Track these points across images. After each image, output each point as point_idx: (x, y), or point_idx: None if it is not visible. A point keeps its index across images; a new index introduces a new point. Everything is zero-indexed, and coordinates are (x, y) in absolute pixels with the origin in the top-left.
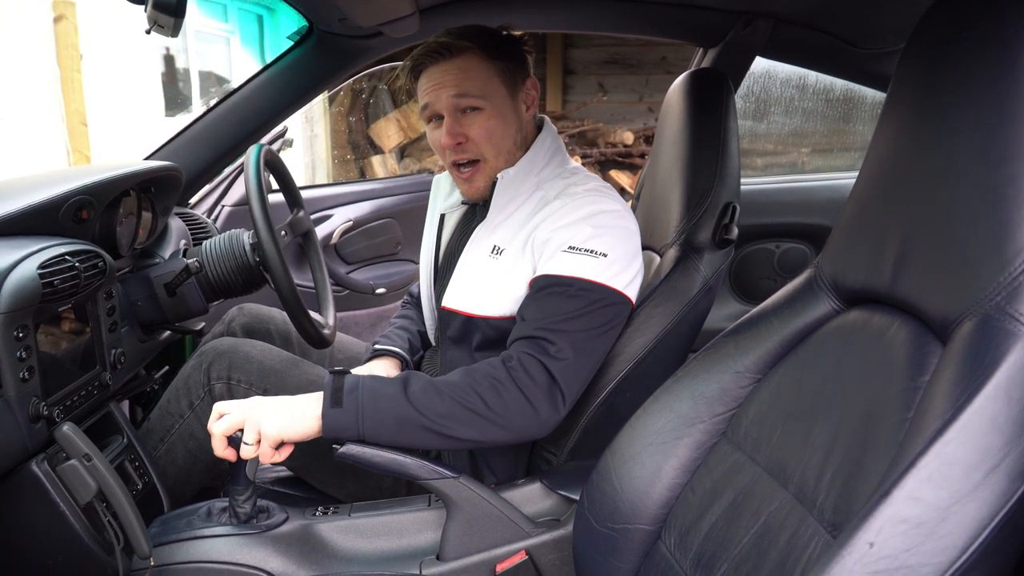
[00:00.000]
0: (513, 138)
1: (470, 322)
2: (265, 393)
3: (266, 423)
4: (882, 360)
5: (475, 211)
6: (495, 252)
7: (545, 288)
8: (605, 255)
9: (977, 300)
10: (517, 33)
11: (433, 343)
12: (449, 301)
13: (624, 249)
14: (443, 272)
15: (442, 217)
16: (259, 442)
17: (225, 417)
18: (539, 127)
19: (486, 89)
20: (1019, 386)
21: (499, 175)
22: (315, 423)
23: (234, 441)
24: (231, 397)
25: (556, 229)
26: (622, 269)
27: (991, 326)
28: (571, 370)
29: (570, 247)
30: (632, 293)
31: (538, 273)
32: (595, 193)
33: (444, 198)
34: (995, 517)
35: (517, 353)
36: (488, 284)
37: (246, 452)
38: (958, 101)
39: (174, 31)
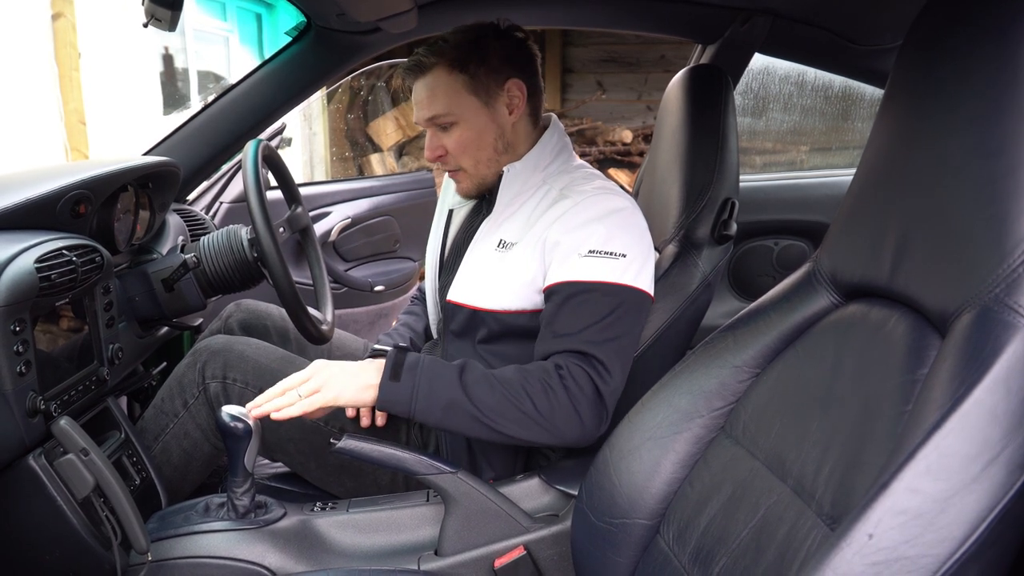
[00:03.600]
0: (492, 145)
1: (475, 316)
2: (261, 392)
3: (325, 387)
4: (881, 353)
5: (482, 206)
6: (502, 246)
7: (573, 296)
8: (624, 255)
9: (976, 292)
10: (507, 26)
11: (435, 336)
12: (454, 295)
13: (640, 247)
14: (449, 266)
15: (450, 212)
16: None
17: (306, 386)
18: (546, 125)
19: (454, 105)
20: (1018, 378)
21: (505, 168)
22: (371, 392)
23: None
24: (226, 396)
25: (568, 231)
26: (641, 267)
27: (990, 318)
28: (617, 390)
29: (589, 251)
30: (652, 290)
31: (558, 280)
32: (603, 192)
33: (454, 193)
34: (994, 509)
35: (567, 363)
36: (494, 278)
37: (294, 410)
38: (956, 95)
39: (171, 25)
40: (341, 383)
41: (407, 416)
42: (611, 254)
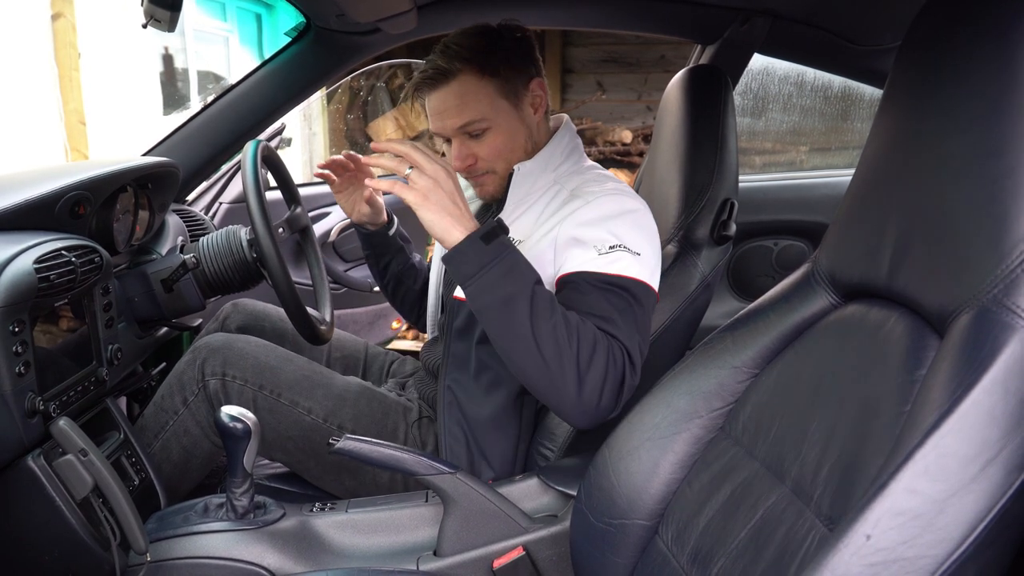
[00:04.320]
0: (523, 146)
1: None
2: (260, 390)
3: (426, 192)
4: (879, 354)
5: (491, 204)
6: None
7: (597, 284)
8: (639, 254)
9: (974, 293)
10: (514, 25)
11: (436, 332)
12: (460, 291)
13: (652, 248)
14: None
15: None
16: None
17: (414, 175)
18: (557, 125)
19: (487, 110)
20: (1016, 379)
21: (515, 167)
22: (451, 234)
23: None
24: (226, 393)
25: (584, 227)
26: (655, 268)
27: (988, 319)
28: (634, 386)
29: (610, 247)
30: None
31: (579, 268)
32: (617, 192)
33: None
34: (992, 509)
35: (614, 343)
36: None
37: (383, 184)
38: (955, 95)
39: (171, 25)
40: (437, 202)
41: (461, 283)
42: (629, 250)
